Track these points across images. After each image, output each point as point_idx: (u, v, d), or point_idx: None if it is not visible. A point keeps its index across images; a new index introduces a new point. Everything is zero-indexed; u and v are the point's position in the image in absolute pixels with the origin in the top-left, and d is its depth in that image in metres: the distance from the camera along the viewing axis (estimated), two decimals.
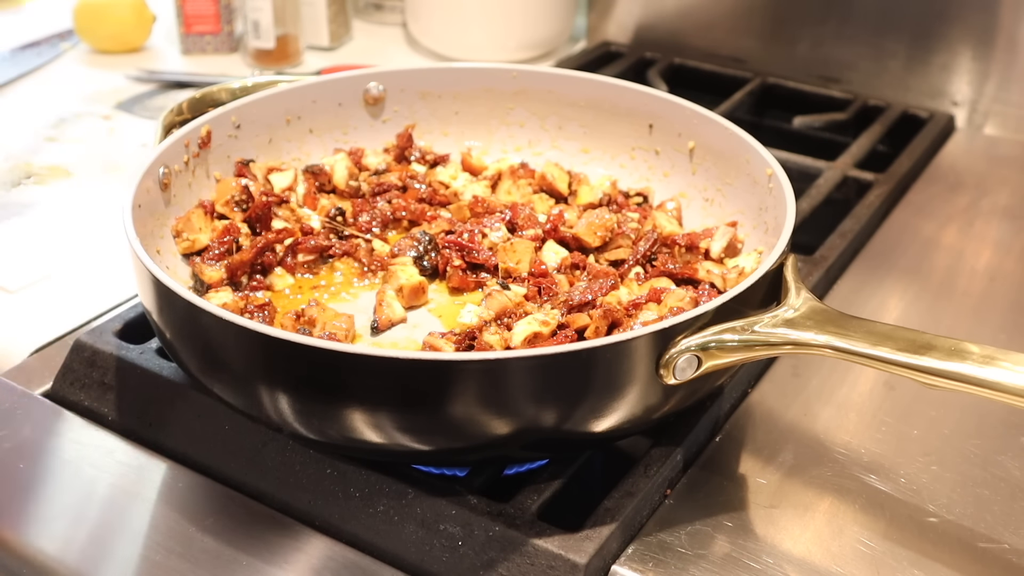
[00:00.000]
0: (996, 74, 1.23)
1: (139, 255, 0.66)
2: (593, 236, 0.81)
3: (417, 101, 0.95)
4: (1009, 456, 0.73)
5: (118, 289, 0.89)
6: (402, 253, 0.81)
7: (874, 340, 0.61)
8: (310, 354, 0.59)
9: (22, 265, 0.93)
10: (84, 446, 0.72)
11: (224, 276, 0.78)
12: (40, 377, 0.79)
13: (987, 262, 0.99)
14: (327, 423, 0.62)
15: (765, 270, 0.66)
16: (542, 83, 0.94)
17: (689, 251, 0.81)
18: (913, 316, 0.90)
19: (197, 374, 0.67)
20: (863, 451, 0.73)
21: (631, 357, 0.61)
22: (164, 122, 0.84)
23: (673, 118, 0.89)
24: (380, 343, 0.75)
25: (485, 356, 0.58)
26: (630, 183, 0.92)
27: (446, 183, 0.92)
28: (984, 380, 0.59)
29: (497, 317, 0.74)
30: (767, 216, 0.78)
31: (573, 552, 0.61)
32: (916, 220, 1.05)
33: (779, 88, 1.30)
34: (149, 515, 0.68)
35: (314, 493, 0.67)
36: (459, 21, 1.41)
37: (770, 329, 0.63)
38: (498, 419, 0.61)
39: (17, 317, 0.86)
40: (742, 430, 0.75)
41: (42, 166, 1.10)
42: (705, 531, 0.66)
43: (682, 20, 1.40)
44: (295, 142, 0.92)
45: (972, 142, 1.23)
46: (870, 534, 0.66)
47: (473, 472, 0.68)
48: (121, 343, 0.77)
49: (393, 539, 0.64)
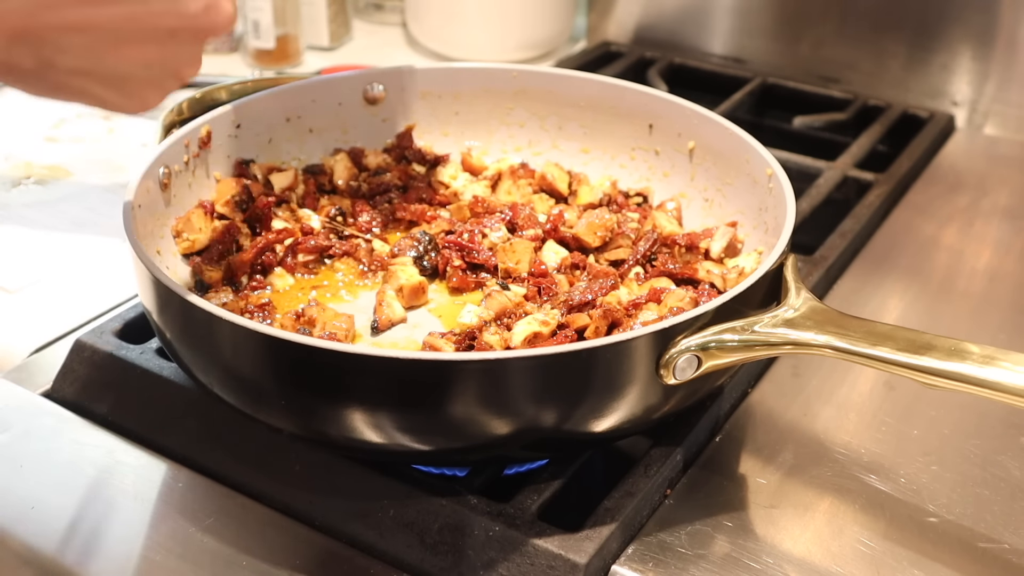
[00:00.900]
0: (996, 74, 1.23)
1: (139, 255, 0.66)
2: (593, 236, 0.81)
3: (417, 101, 0.95)
4: (1009, 456, 0.73)
5: (118, 289, 0.89)
6: (402, 253, 0.81)
7: (874, 340, 0.61)
8: (310, 354, 0.59)
9: (22, 265, 0.93)
10: (84, 446, 0.72)
11: (224, 276, 0.78)
12: (40, 377, 0.79)
13: (987, 262, 0.99)
14: (327, 423, 0.62)
15: (765, 270, 0.66)
16: (542, 83, 0.94)
17: (689, 251, 0.81)
18: (913, 316, 0.90)
19: (197, 374, 0.67)
20: (863, 451, 0.73)
21: (631, 357, 0.61)
22: (164, 122, 0.84)
23: (673, 118, 0.89)
24: (380, 343, 0.75)
25: (485, 356, 0.58)
26: (630, 183, 0.92)
27: (446, 183, 0.92)
28: (984, 380, 0.59)
29: (497, 317, 0.74)
30: (767, 216, 0.78)
31: (573, 552, 0.61)
32: (916, 220, 1.05)
33: (779, 88, 1.30)
34: (149, 515, 0.68)
35: (314, 493, 0.67)
36: (459, 21, 1.41)
37: (770, 329, 0.63)
38: (498, 419, 0.61)
39: (17, 317, 0.86)
40: (742, 430, 0.75)
41: (42, 166, 1.10)
42: (705, 531, 0.66)
43: (682, 20, 1.40)
44: (295, 142, 0.92)
45: (972, 142, 1.23)
46: (870, 534, 0.66)
47: (473, 472, 0.68)
48: (121, 343, 0.77)
49: (393, 539, 0.64)
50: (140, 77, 0.58)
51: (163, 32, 0.56)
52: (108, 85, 0.57)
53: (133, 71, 0.57)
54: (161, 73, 0.59)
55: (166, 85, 0.60)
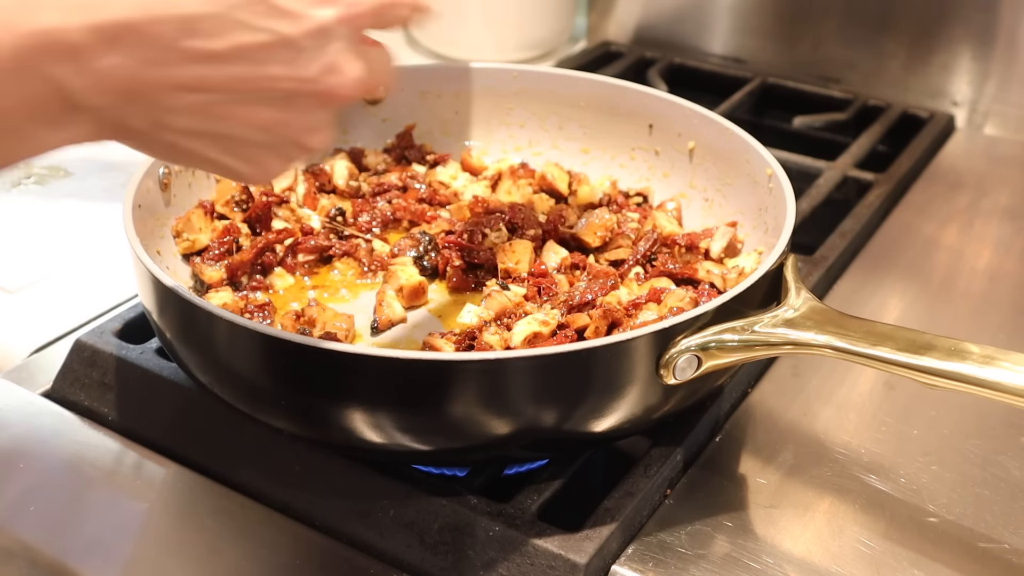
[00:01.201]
0: (996, 74, 1.23)
1: (139, 255, 0.66)
2: (593, 236, 0.81)
3: (417, 101, 0.95)
4: (1009, 456, 0.73)
5: (118, 289, 0.89)
6: (402, 253, 0.81)
7: (874, 340, 0.61)
8: (310, 354, 0.59)
9: (22, 265, 0.93)
10: (84, 446, 0.72)
11: (224, 276, 0.78)
12: (40, 377, 0.79)
13: (987, 262, 0.99)
14: (327, 423, 0.62)
15: (765, 270, 0.66)
16: (542, 83, 0.94)
17: (689, 251, 0.81)
18: (913, 316, 0.90)
19: (197, 374, 0.67)
20: (863, 451, 0.73)
21: (631, 357, 0.61)
22: None
23: (673, 118, 0.89)
24: (380, 343, 0.75)
25: (485, 356, 0.58)
26: (630, 183, 0.92)
27: (446, 183, 0.92)
28: (984, 380, 0.59)
29: (497, 317, 0.74)
30: (767, 216, 0.78)
31: (573, 552, 0.61)
32: (916, 220, 1.05)
33: (779, 88, 1.30)
34: (149, 515, 0.68)
35: (314, 493, 0.67)
36: (459, 21, 1.41)
37: (770, 329, 0.63)
38: (498, 419, 0.61)
39: (17, 317, 0.86)
40: (742, 430, 0.75)
41: (42, 166, 1.10)
42: (705, 531, 0.66)
43: (682, 20, 1.40)
44: None
45: (972, 142, 1.23)
46: (870, 534, 0.66)
47: (473, 472, 0.68)
48: (121, 343, 0.77)
49: (393, 539, 0.64)
50: (258, 142, 0.54)
51: (280, 96, 0.52)
52: (224, 150, 0.54)
53: (249, 135, 0.53)
54: (280, 140, 0.54)
55: (287, 152, 0.56)
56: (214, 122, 0.52)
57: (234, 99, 0.52)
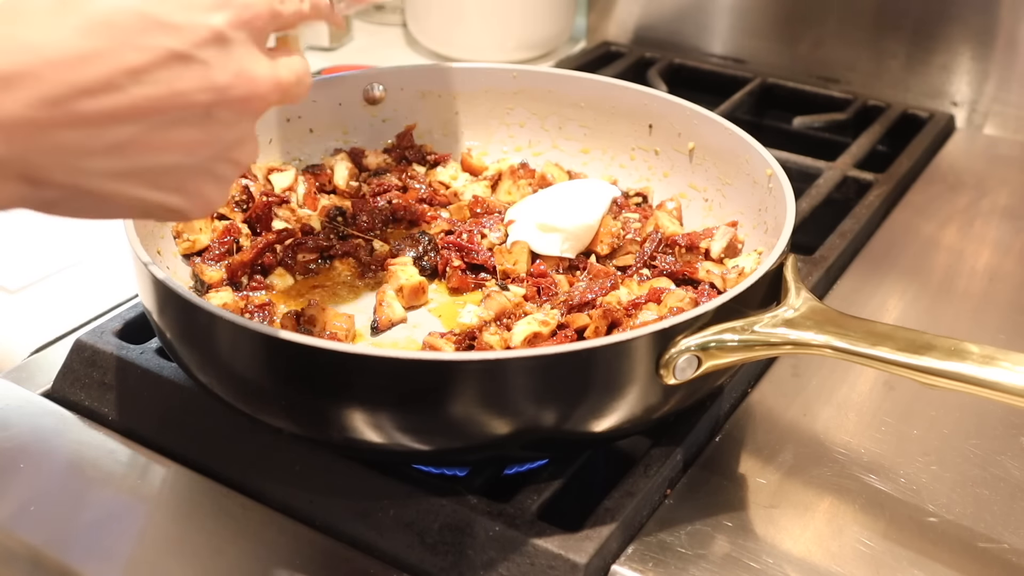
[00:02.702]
0: (996, 74, 1.23)
1: (139, 255, 0.66)
2: (602, 245, 0.81)
3: (417, 101, 0.95)
4: (1009, 456, 0.73)
5: (118, 289, 0.89)
6: (402, 253, 0.81)
7: (874, 340, 0.61)
8: (310, 354, 0.59)
9: (22, 265, 0.93)
10: (84, 446, 0.72)
11: (224, 276, 0.78)
12: (40, 377, 0.79)
13: (987, 262, 0.99)
14: (327, 423, 0.62)
15: (765, 270, 0.66)
16: (542, 83, 0.94)
17: (689, 251, 0.81)
18: (913, 316, 0.90)
19: (197, 374, 0.67)
20: (863, 451, 0.73)
21: (631, 357, 0.61)
22: None
23: (673, 118, 0.89)
24: (380, 343, 0.75)
25: (485, 356, 0.58)
26: (630, 183, 0.92)
27: (446, 183, 0.92)
28: (984, 380, 0.59)
29: (497, 317, 0.74)
30: (767, 216, 0.78)
31: (573, 552, 0.61)
32: (916, 220, 1.05)
33: (779, 88, 1.30)
34: (149, 515, 0.68)
35: (314, 493, 0.67)
36: (459, 21, 1.41)
37: (770, 329, 0.63)
38: (498, 419, 0.61)
39: (17, 317, 0.86)
40: (742, 430, 0.75)
41: None
42: (705, 531, 0.66)
43: (682, 20, 1.40)
44: (295, 142, 0.92)
45: (972, 142, 1.23)
46: (870, 534, 0.66)
47: (473, 472, 0.68)
48: (121, 343, 0.77)
49: (393, 539, 0.64)
50: (187, 168, 0.51)
51: (197, 113, 0.50)
52: (154, 185, 0.51)
53: (176, 162, 0.51)
54: (209, 159, 0.52)
55: (221, 172, 0.53)
56: (135, 156, 0.49)
57: (150, 127, 0.49)
